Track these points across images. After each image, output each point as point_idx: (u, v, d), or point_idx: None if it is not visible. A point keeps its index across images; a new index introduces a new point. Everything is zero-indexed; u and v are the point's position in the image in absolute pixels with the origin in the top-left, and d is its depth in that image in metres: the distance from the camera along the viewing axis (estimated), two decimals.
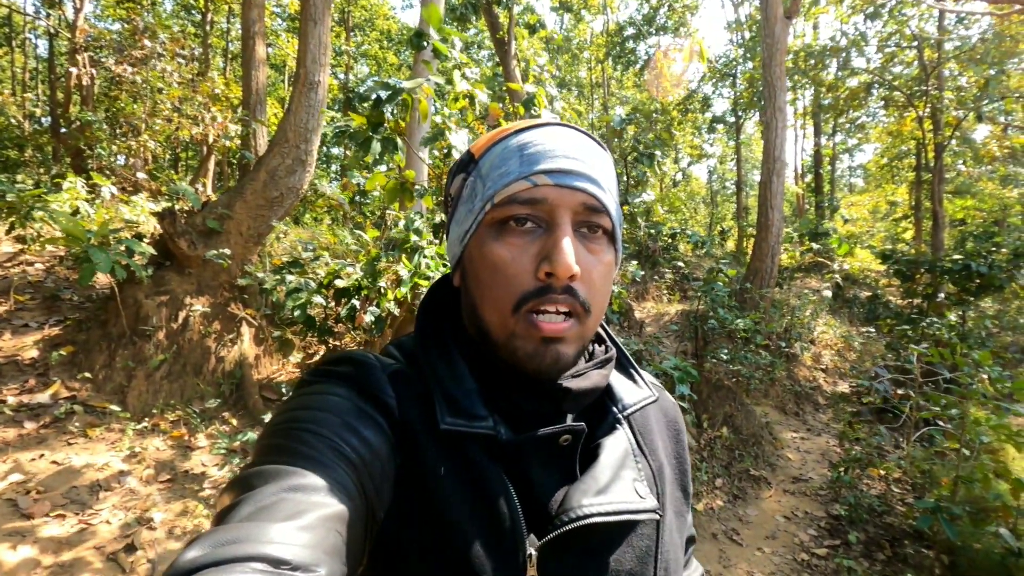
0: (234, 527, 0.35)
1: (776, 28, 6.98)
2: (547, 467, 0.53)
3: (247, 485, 0.40)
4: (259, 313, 4.17)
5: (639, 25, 16.96)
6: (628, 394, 0.61)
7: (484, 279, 0.53)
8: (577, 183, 0.51)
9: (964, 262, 5.81)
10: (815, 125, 16.35)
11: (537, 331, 0.50)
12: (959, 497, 3.47)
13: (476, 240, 0.54)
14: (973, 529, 3.30)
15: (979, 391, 3.36)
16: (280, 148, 4.28)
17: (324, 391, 0.51)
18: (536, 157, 0.52)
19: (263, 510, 0.37)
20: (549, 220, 0.51)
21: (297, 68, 4.40)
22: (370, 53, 17.80)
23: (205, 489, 2.84)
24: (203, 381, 3.68)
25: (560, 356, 0.51)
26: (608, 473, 0.53)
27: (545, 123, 0.56)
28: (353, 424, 0.48)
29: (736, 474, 4.37)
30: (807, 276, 11.14)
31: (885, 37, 11.20)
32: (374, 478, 0.46)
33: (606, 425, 0.58)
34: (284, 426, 0.47)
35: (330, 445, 0.45)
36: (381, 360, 0.56)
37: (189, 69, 8.55)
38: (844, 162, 24.90)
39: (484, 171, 0.54)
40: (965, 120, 9.67)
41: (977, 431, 3.41)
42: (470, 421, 0.51)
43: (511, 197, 0.51)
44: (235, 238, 4.14)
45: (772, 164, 7.10)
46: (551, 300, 0.50)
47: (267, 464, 0.42)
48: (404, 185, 3.60)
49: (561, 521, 0.49)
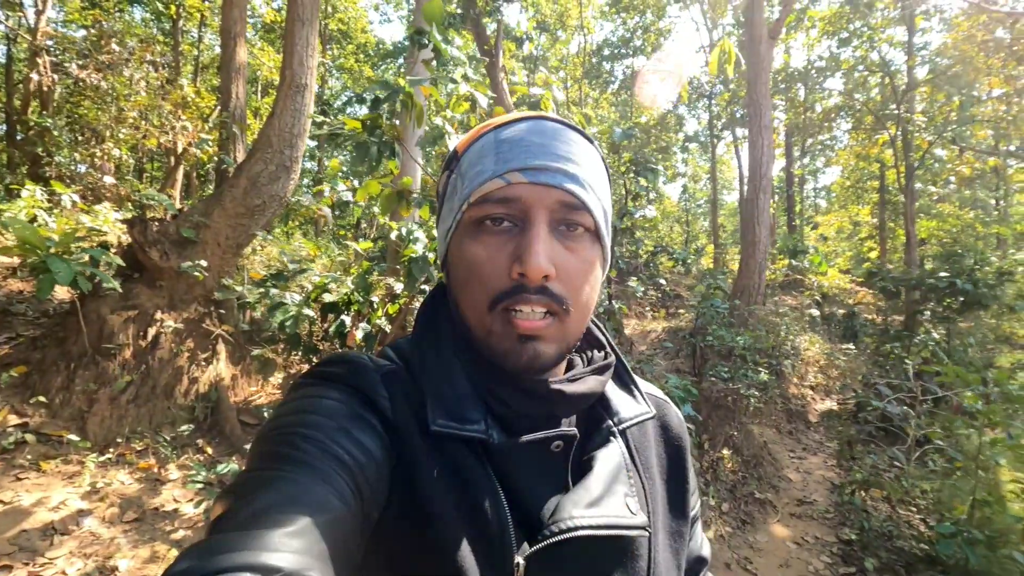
0: (225, 536, 0.35)
1: (761, 48, 7.07)
2: (539, 475, 0.53)
3: (240, 493, 0.40)
4: (237, 330, 3.85)
5: (615, 47, 17.23)
6: (625, 408, 0.60)
7: (463, 277, 0.53)
8: (552, 180, 0.50)
9: (950, 279, 5.87)
10: (787, 146, 16.80)
11: (513, 328, 0.49)
12: (976, 520, 3.38)
13: (456, 239, 0.54)
14: (988, 554, 3.21)
15: (998, 409, 3.27)
16: (263, 153, 4.01)
17: (317, 394, 0.50)
18: (511, 155, 0.51)
19: (255, 518, 0.37)
20: (524, 219, 0.50)
21: (283, 70, 4.16)
22: (346, 66, 17.56)
23: (178, 530, 2.50)
24: (174, 405, 3.34)
25: (539, 354, 0.50)
26: (600, 486, 0.52)
27: (526, 116, 0.54)
28: (347, 427, 0.47)
29: (741, 498, 4.21)
30: (784, 293, 11.27)
31: (855, 63, 11.58)
32: (369, 481, 0.45)
33: (600, 437, 0.57)
34: (277, 432, 0.46)
35: (324, 449, 0.44)
36: (375, 361, 0.55)
37: (158, 76, 8.18)
38: (809, 183, 25.70)
39: (464, 168, 0.54)
40: (934, 143, 10.00)
41: (992, 452, 3.33)
42: (462, 424, 0.50)
43: (485, 196, 0.51)
44: (212, 248, 3.83)
45: (758, 181, 7.13)
46: (525, 300, 0.49)
47: (260, 471, 0.42)
48: (400, 194, 3.38)
49: (550, 531, 0.48)
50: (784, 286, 11.48)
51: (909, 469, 4.41)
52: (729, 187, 27.55)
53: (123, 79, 7.50)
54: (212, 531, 0.38)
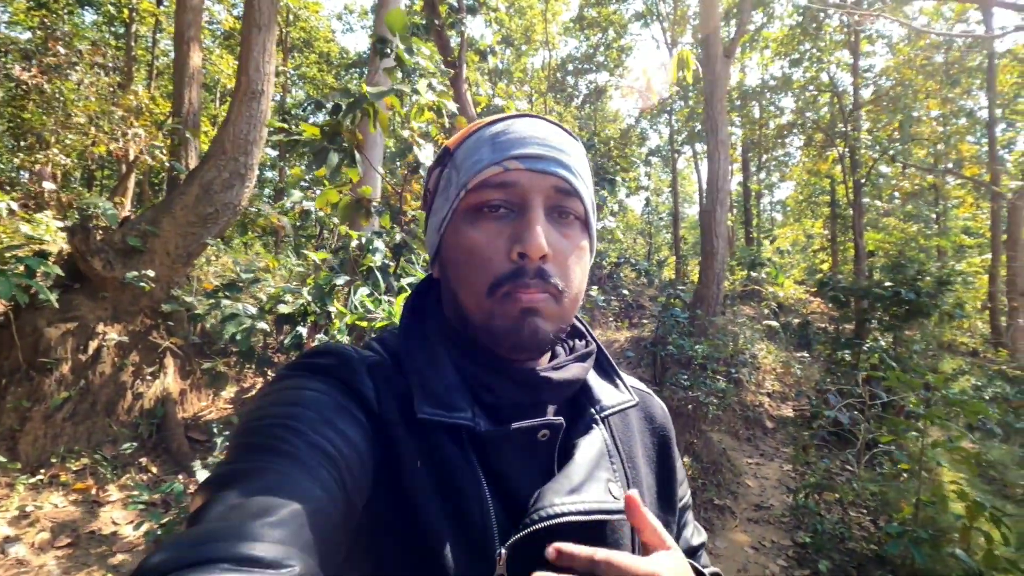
0: (204, 528, 0.34)
1: (717, 66, 7.31)
2: (525, 463, 0.53)
3: (219, 484, 0.39)
4: (187, 342, 3.70)
5: (579, 62, 17.55)
6: (607, 396, 0.61)
7: (460, 264, 0.53)
8: (548, 167, 0.52)
9: (894, 289, 6.14)
10: (743, 161, 17.38)
11: (515, 304, 0.50)
12: (920, 520, 3.51)
13: (452, 227, 0.55)
14: (932, 552, 3.33)
15: (940, 413, 3.42)
16: (216, 160, 3.90)
17: (300, 385, 0.49)
18: (508, 144, 0.53)
19: (235, 509, 0.36)
20: (521, 204, 0.52)
21: (238, 76, 4.06)
22: (308, 75, 17.32)
23: (116, 554, 2.37)
24: (116, 422, 3.17)
25: (538, 329, 0.51)
26: (582, 472, 0.52)
27: (517, 115, 0.57)
28: (330, 418, 0.46)
29: (701, 504, 4.26)
30: (743, 304, 11.59)
31: (806, 82, 12.10)
32: (353, 472, 0.45)
33: (582, 425, 0.57)
34: (258, 423, 0.45)
35: (307, 440, 0.43)
36: (360, 352, 0.55)
37: (109, 80, 7.89)
38: (765, 197, 26.64)
39: (458, 161, 0.56)
40: (878, 160, 10.51)
41: (933, 455, 3.48)
42: (448, 412, 0.50)
43: (483, 182, 0.52)
44: (160, 258, 3.68)
45: (716, 194, 7.34)
46: (524, 284, 0.50)
47: (240, 463, 0.41)
48: (360, 202, 3.33)
49: (531, 520, 0.47)
50: (743, 296, 11.81)
51: (859, 472, 4.56)
52: (691, 200, 28.31)
53: (70, 83, 7.21)
54: (191, 523, 0.37)
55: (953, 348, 10.56)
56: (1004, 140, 14.86)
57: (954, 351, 10.34)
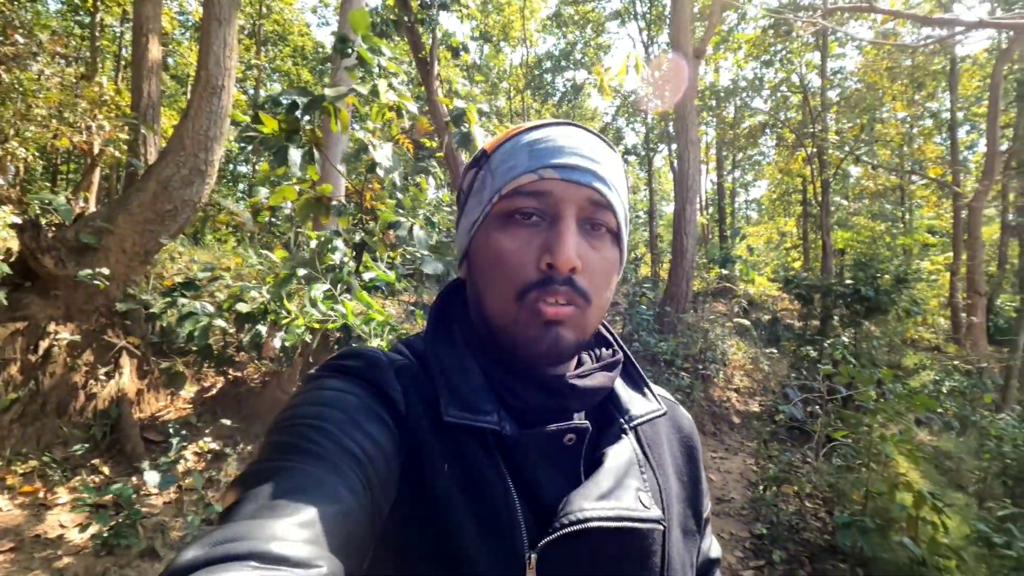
0: (234, 525, 0.35)
1: (676, 67, 7.40)
2: (551, 468, 0.53)
3: (250, 483, 0.40)
4: (144, 342, 3.64)
5: (556, 59, 17.59)
6: (636, 405, 0.60)
7: (489, 268, 0.54)
8: (583, 179, 0.52)
9: (855, 287, 6.32)
10: (718, 160, 17.61)
11: (539, 316, 0.51)
12: (869, 510, 3.63)
13: (483, 230, 0.55)
14: (882, 540, 3.44)
15: (889, 407, 3.53)
16: (175, 156, 3.83)
17: (330, 386, 0.51)
18: (544, 152, 0.53)
19: (265, 508, 0.37)
20: (554, 213, 0.52)
21: (198, 71, 4.00)
22: (282, 69, 17.05)
23: (61, 557, 2.33)
24: (67, 423, 3.11)
25: (559, 339, 0.51)
26: (611, 479, 0.52)
27: (556, 122, 0.57)
28: (358, 420, 0.47)
29: None
30: (716, 300, 11.78)
31: (777, 83, 12.31)
32: (379, 474, 0.46)
33: (611, 434, 0.57)
34: (289, 423, 0.46)
35: (335, 441, 0.44)
36: (389, 355, 0.56)
37: (73, 72, 7.67)
38: (741, 196, 27.07)
39: (494, 165, 0.56)
40: (845, 160, 10.75)
41: (883, 447, 3.60)
42: (475, 415, 0.51)
43: (517, 189, 0.52)
44: (116, 256, 3.61)
45: (686, 193, 7.44)
46: (552, 291, 0.51)
47: (271, 461, 0.42)
48: (319, 200, 3.31)
49: (561, 524, 0.47)
50: (716, 293, 12.01)
51: (817, 465, 4.69)
52: (667, 198, 28.58)
53: (30, 74, 6.99)
54: (221, 520, 0.38)
55: (916, 344, 10.89)
56: (966, 142, 15.34)
57: (917, 347, 10.67)
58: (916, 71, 11.30)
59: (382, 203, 3.26)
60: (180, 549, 0.33)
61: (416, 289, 6.43)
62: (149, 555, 2.56)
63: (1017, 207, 11.17)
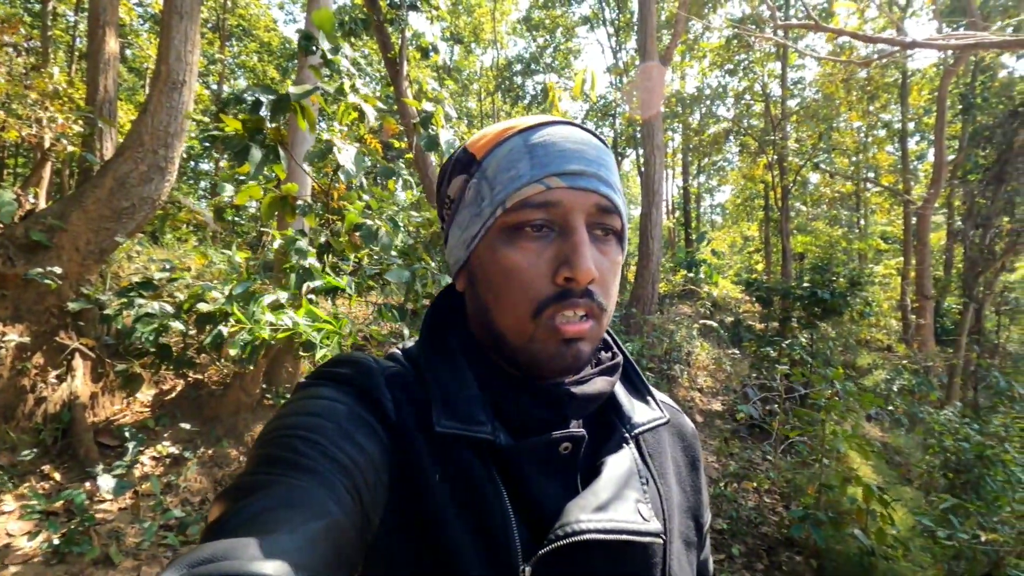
0: (217, 543, 0.34)
1: (653, 73, 7.56)
2: (547, 478, 0.51)
3: (237, 497, 0.39)
4: (99, 343, 3.53)
5: (526, 62, 17.71)
6: (638, 413, 0.59)
7: (498, 285, 0.52)
8: (590, 185, 0.51)
9: (812, 289, 6.56)
10: (684, 165, 18.00)
11: (559, 334, 0.50)
12: (822, 504, 3.78)
13: (486, 245, 0.53)
14: (834, 532, 3.59)
15: (839, 404, 3.68)
16: (133, 152, 3.73)
17: (320, 395, 0.50)
18: (547, 159, 0.51)
19: (249, 524, 0.36)
20: (564, 224, 0.51)
21: (158, 65, 3.89)
22: (248, 65, 16.67)
23: (8, 567, 2.24)
24: (15, 428, 2.99)
25: (580, 354, 0.51)
26: (610, 490, 0.51)
27: (550, 121, 0.54)
28: (348, 430, 0.46)
29: None
30: (682, 303, 12.05)
31: (740, 92, 12.67)
32: (369, 484, 0.45)
33: (612, 443, 0.56)
34: (277, 434, 0.45)
35: (324, 453, 0.43)
36: (380, 363, 0.55)
37: (23, 62, 7.34)
38: (706, 200, 27.74)
39: (490, 173, 0.53)
40: (804, 167, 11.15)
41: (834, 442, 3.75)
42: (468, 425, 0.50)
43: (524, 201, 0.50)
44: (70, 254, 3.49)
45: (652, 197, 7.59)
46: (572, 304, 0.50)
47: (259, 475, 0.41)
48: (284, 200, 3.27)
49: (556, 536, 0.46)
50: (682, 296, 12.27)
51: (775, 461, 4.86)
52: (635, 202, 29.04)
53: None
54: (204, 537, 0.37)
55: (869, 344, 11.36)
56: (916, 152, 16.08)
57: (870, 347, 11.13)
58: (869, 83, 11.80)
59: (349, 203, 3.24)
60: (162, 570, 0.33)
61: (383, 289, 6.39)
62: (103, 562, 2.48)
63: (962, 214, 11.77)
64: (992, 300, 7.56)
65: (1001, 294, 8.01)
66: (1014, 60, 9.56)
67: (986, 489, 3.48)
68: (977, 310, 7.13)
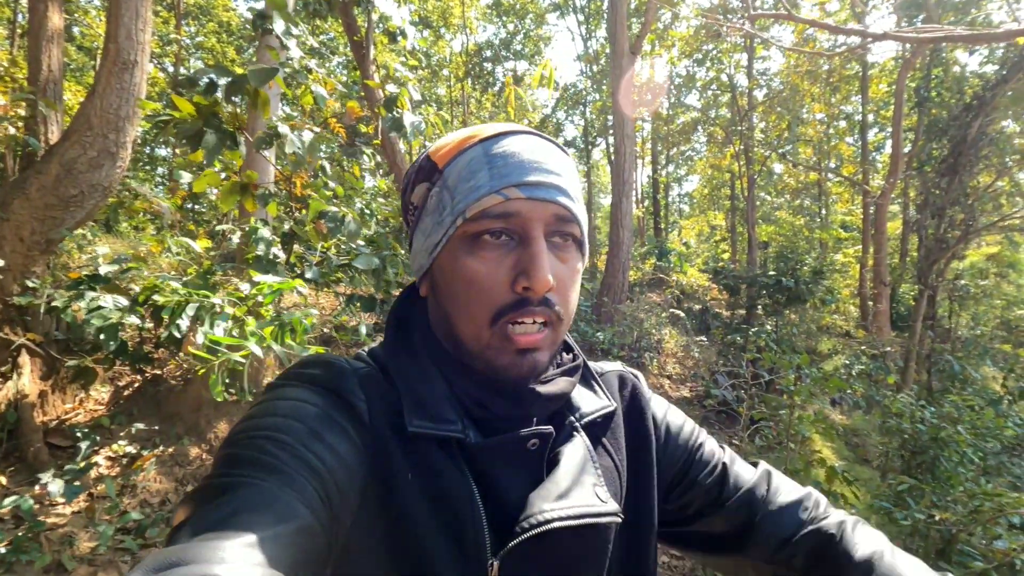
0: (181, 547, 0.33)
1: (623, 62, 7.56)
2: (516, 473, 0.53)
3: (202, 500, 0.39)
4: (48, 339, 3.34)
5: (496, 48, 17.50)
6: (586, 403, 0.61)
7: (458, 293, 0.53)
8: (548, 195, 0.51)
9: (777, 277, 6.72)
10: (653, 154, 18.16)
11: (512, 344, 0.51)
12: None
13: (448, 254, 0.54)
14: None
15: (805, 389, 3.77)
16: (81, 136, 3.51)
17: (290, 396, 0.49)
18: (506, 170, 0.51)
19: (215, 527, 0.35)
20: (522, 233, 0.51)
21: (106, 44, 3.67)
22: (206, 45, 16.00)
23: None
24: None
25: (537, 364, 0.52)
26: (568, 478, 0.53)
27: (511, 130, 0.55)
28: (319, 430, 0.46)
29: None
30: (650, 291, 12.21)
31: (708, 82, 12.81)
32: (340, 486, 0.45)
33: (564, 434, 0.58)
34: (245, 435, 0.45)
35: (293, 454, 0.43)
36: (351, 363, 0.55)
37: None
38: (674, 190, 28.13)
39: (451, 182, 0.54)
40: (769, 158, 11.37)
41: (799, 427, 3.86)
42: (438, 424, 0.51)
43: (483, 212, 0.51)
44: (12, 244, 3.28)
45: (622, 186, 7.63)
46: (528, 312, 0.51)
47: (226, 477, 0.41)
48: (245, 187, 3.13)
49: (522, 528, 0.48)
50: (651, 284, 12.44)
51: (743, 445, 4.97)
52: (606, 191, 29.25)
53: None
54: (170, 540, 0.36)
55: (830, 330, 11.74)
56: (875, 143, 16.59)
57: (831, 333, 11.50)
58: (832, 75, 12.08)
59: (313, 191, 3.13)
60: (127, 574, 0.32)
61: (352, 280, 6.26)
62: (55, 569, 2.36)
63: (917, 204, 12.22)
64: (945, 287, 7.89)
65: (953, 281, 8.36)
66: (967, 56, 9.91)
67: (940, 469, 3.63)
68: (931, 297, 7.43)
